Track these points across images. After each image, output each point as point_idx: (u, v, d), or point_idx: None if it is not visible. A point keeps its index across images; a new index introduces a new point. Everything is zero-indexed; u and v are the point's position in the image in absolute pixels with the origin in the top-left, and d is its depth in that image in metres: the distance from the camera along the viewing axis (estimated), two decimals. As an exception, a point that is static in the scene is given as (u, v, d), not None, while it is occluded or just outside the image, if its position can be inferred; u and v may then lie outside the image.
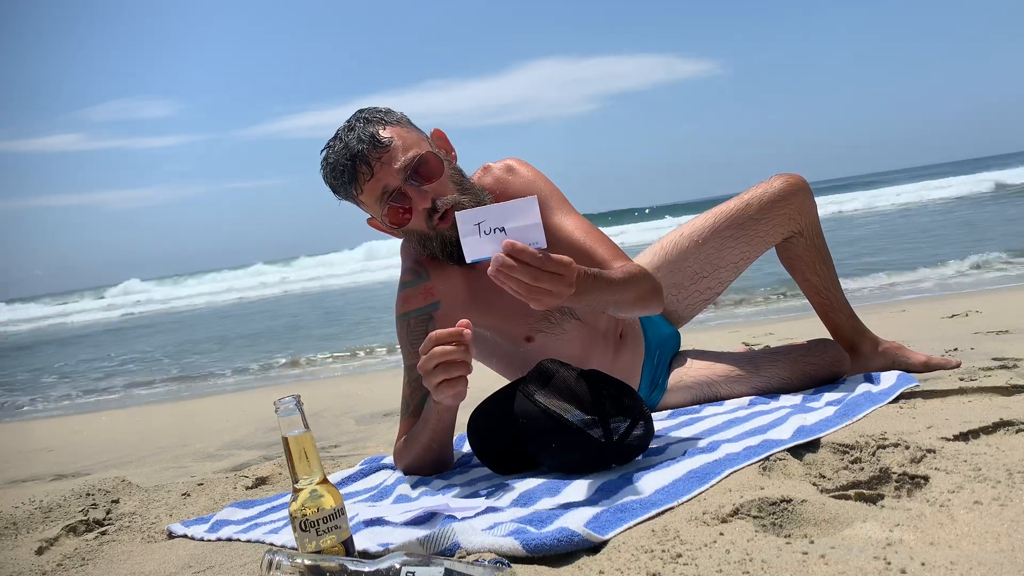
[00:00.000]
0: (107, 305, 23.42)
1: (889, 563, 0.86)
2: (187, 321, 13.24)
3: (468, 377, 1.33)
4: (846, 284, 4.97)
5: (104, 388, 5.83)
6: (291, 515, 1.08)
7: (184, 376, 5.89)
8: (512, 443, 1.48)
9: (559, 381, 1.42)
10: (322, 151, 1.62)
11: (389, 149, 1.54)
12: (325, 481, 1.10)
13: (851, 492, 1.14)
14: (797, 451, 1.33)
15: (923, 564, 0.85)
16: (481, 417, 1.54)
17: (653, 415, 1.83)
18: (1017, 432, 1.34)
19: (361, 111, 1.62)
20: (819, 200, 1.96)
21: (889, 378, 1.76)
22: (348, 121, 1.61)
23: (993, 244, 6.41)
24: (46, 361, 8.81)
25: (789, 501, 1.08)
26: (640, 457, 1.43)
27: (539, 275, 1.17)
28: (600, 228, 1.76)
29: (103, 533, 1.59)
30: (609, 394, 1.40)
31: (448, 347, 1.29)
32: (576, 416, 1.37)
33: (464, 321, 1.30)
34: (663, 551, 0.99)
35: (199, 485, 1.91)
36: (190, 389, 5.30)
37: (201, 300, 19.78)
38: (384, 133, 1.56)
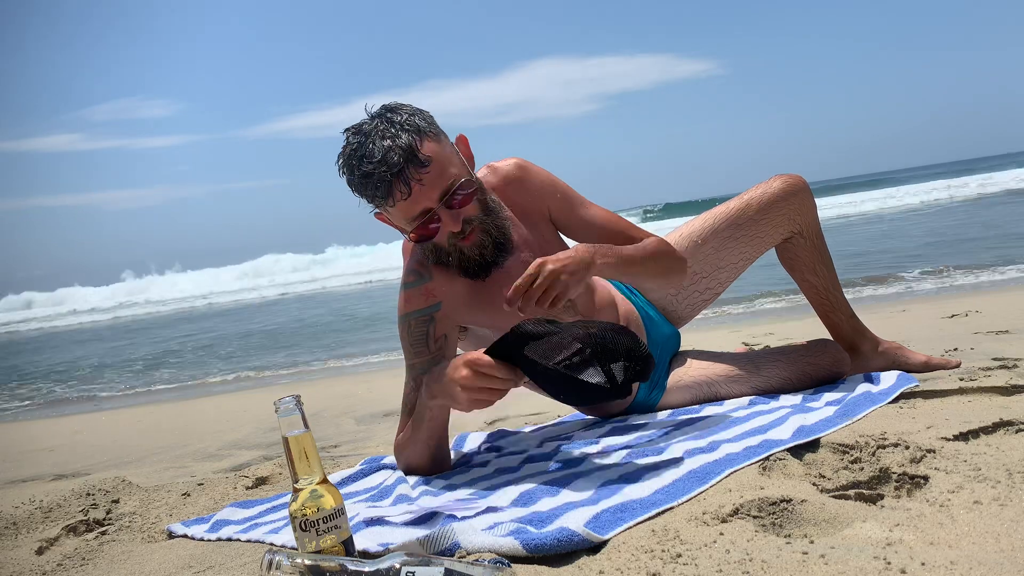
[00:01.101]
0: (107, 305, 23.44)
1: (889, 563, 0.86)
2: (183, 321, 13.25)
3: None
4: (864, 292, 4.99)
5: (102, 388, 5.84)
6: (291, 515, 1.08)
7: (182, 376, 5.89)
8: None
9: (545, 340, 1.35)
10: (345, 146, 1.53)
11: (429, 170, 1.49)
12: (325, 481, 1.11)
13: (851, 492, 1.14)
14: (797, 451, 1.33)
15: (923, 564, 0.85)
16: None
17: (653, 415, 1.83)
18: (1017, 432, 1.34)
19: (392, 112, 1.53)
20: (818, 201, 1.96)
21: (889, 378, 1.76)
22: (379, 121, 1.51)
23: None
24: (40, 360, 8.81)
25: (789, 501, 1.09)
26: (640, 458, 1.43)
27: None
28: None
29: (103, 533, 1.59)
30: (598, 331, 1.34)
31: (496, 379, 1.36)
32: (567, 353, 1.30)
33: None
34: (663, 551, 0.99)
35: (199, 485, 1.92)
36: (190, 389, 5.30)
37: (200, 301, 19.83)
38: (423, 151, 1.49)
